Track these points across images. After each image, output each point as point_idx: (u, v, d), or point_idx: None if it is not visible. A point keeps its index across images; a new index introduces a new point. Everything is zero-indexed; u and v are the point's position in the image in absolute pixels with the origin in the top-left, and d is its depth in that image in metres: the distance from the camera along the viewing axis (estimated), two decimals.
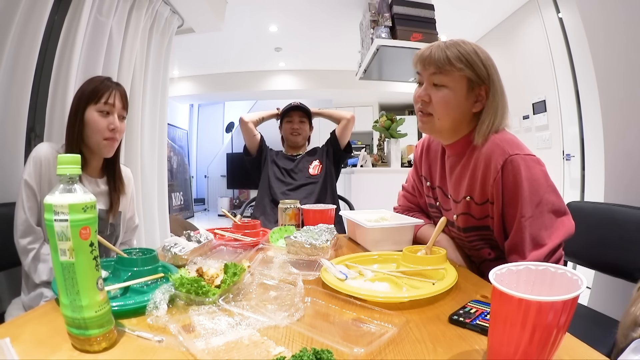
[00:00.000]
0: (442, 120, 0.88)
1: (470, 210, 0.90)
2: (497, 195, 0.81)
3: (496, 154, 0.80)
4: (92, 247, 0.47)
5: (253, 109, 7.59)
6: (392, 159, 3.30)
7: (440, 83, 0.85)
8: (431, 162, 1.07)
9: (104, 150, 1.09)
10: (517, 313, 0.40)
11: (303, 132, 1.97)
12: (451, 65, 0.83)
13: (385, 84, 5.57)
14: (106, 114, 1.07)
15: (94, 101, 1.05)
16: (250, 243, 1.07)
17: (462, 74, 0.83)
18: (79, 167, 0.48)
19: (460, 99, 0.85)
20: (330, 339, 0.48)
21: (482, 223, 0.89)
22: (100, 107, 1.06)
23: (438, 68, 0.84)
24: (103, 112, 1.06)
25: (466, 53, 0.83)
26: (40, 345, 0.48)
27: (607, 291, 1.45)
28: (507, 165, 0.79)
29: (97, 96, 1.05)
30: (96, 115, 1.06)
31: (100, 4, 1.80)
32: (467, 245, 0.96)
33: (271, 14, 3.90)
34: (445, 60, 0.83)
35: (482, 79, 0.84)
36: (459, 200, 0.92)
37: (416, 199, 1.20)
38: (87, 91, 1.06)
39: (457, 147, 0.92)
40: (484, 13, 3.76)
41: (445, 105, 0.86)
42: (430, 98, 0.87)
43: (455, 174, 0.93)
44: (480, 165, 0.83)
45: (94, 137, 1.06)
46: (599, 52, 1.48)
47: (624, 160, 1.41)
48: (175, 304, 0.61)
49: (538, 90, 3.29)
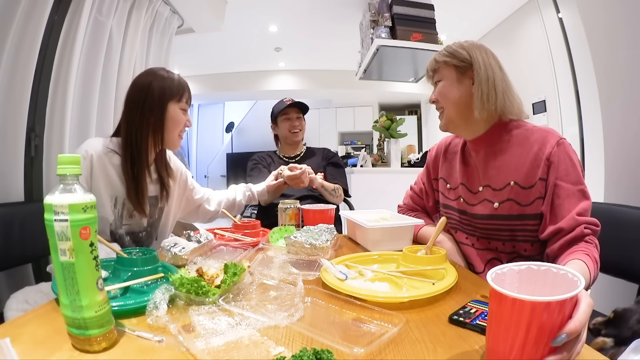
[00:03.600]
0: (448, 109, 0.97)
1: (515, 197, 0.90)
2: (551, 164, 0.86)
3: (551, 136, 0.88)
4: (92, 247, 0.47)
5: (253, 109, 7.59)
6: (392, 159, 3.30)
7: (438, 79, 0.99)
8: (450, 163, 1.09)
9: (176, 143, 1.14)
10: (511, 313, 0.41)
11: (302, 127, 1.92)
12: (437, 62, 0.98)
13: (385, 84, 5.57)
14: (184, 112, 1.13)
15: (176, 98, 1.09)
16: (250, 243, 1.07)
17: (447, 64, 0.96)
18: (79, 167, 0.48)
19: (453, 84, 0.95)
20: (330, 339, 0.48)
21: (528, 211, 0.89)
22: (182, 105, 1.11)
23: (433, 70, 1.00)
24: (183, 110, 1.12)
25: (448, 47, 0.97)
26: (40, 345, 0.48)
27: (607, 291, 1.44)
28: (560, 145, 0.87)
29: (180, 94, 1.10)
30: (179, 112, 1.10)
31: (100, 4, 1.80)
32: (503, 236, 0.94)
33: (271, 14, 3.89)
34: (433, 61, 0.99)
35: (466, 61, 0.93)
36: (501, 188, 0.93)
37: (422, 201, 1.21)
38: (170, 87, 1.08)
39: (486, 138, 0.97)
40: (484, 13, 3.76)
41: (443, 94, 0.97)
42: (435, 96, 1.00)
43: (492, 163, 0.96)
44: (533, 148, 0.89)
45: (173, 132, 1.11)
46: (599, 52, 1.48)
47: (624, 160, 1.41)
48: (175, 304, 0.61)
49: (538, 90, 3.29)
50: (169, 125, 1.09)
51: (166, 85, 1.08)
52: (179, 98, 1.10)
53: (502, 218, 0.92)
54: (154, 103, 1.06)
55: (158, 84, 1.07)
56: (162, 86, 1.07)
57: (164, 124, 1.08)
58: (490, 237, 0.95)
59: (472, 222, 0.98)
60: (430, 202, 1.17)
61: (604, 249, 0.81)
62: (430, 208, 1.18)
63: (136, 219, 1.13)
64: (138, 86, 1.08)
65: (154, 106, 1.06)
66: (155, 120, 1.07)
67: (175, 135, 1.12)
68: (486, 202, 0.95)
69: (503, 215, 0.92)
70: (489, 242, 0.96)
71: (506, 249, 0.93)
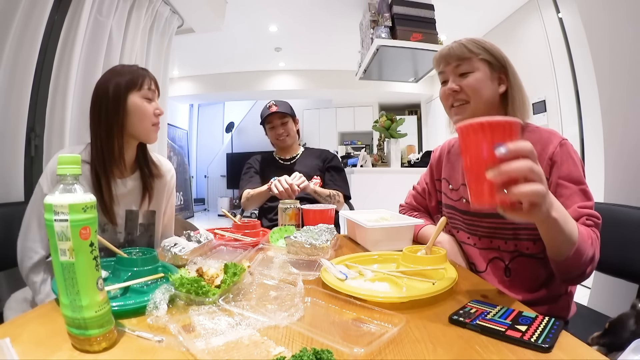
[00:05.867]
0: (477, 103, 0.93)
1: None
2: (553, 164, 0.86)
3: (553, 137, 0.88)
4: (92, 247, 0.47)
5: (253, 109, 7.60)
6: (392, 159, 3.30)
7: (466, 71, 0.92)
8: (453, 163, 1.09)
9: (152, 135, 1.07)
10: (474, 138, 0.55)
11: (289, 131, 1.82)
12: (471, 53, 0.91)
13: (385, 84, 5.57)
14: (149, 100, 1.05)
15: (136, 88, 1.02)
16: (250, 243, 1.07)
17: (481, 57, 0.91)
18: (79, 167, 0.48)
19: (487, 80, 0.92)
20: (330, 339, 0.48)
21: None
22: (144, 93, 1.04)
23: (461, 59, 0.92)
24: (147, 99, 1.05)
25: (481, 41, 0.93)
26: (40, 345, 0.48)
27: (607, 291, 1.45)
28: (563, 145, 0.87)
29: (138, 83, 1.03)
30: (143, 102, 1.03)
31: (100, 4, 1.80)
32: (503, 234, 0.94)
33: (271, 14, 3.90)
34: (466, 50, 0.91)
35: (499, 61, 0.92)
36: None
37: (425, 201, 1.21)
38: (124, 80, 1.02)
39: None
40: (484, 13, 3.76)
41: (477, 87, 0.91)
42: (460, 87, 0.93)
43: None
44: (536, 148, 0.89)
45: (142, 124, 1.04)
46: (599, 52, 1.48)
47: (624, 160, 1.41)
48: (175, 304, 0.61)
49: (538, 91, 3.29)
50: (133, 118, 1.02)
51: (122, 79, 1.01)
52: (139, 87, 1.03)
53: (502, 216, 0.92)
54: (110, 100, 1.00)
55: (114, 81, 1.01)
56: (117, 81, 1.01)
57: (128, 117, 1.01)
58: (493, 236, 0.95)
59: (475, 221, 0.98)
60: (433, 202, 1.17)
61: (604, 249, 0.81)
62: (433, 208, 1.19)
63: (109, 233, 1.05)
64: (96, 90, 1.02)
65: (112, 103, 1.00)
66: (118, 117, 1.00)
67: (145, 126, 1.04)
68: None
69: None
70: (491, 241, 0.96)
71: (508, 247, 0.93)
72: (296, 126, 1.89)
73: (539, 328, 0.51)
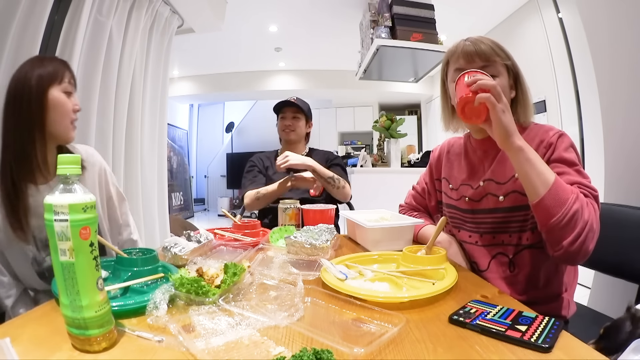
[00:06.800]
0: None
1: (520, 188, 0.89)
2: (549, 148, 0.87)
3: (553, 130, 0.90)
4: (92, 247, 0.47)
5: (253, 109, 7.60)
6: (392, 159, 3.30)
7: (491, 74, 0.88)
8: (453, 163, 1.09)
9: (71, 134, 0.97)
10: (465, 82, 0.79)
11: (297, 128, 1.82)
12: (498, 56, 0.90)
13: (385, 84, 5.57)
14: (69, 94, 0.95)
15: (57, 81, 0.92)
16: (250, 243, 1.07)
17: (503, 62, 0.91)
18: (79, 167, 0.48)
19: (507, 87, 0.92)
20: (330, 339, 0.48)
21: None
22: (65, 87, 0.94)
23: (488, 60, 0.90)
24: (67, 92, 0.94)
25: (501, 45, 0.93)
26: (40, 345, 0.48)
27: (607, 291, 1.45)
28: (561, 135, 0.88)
29: (60, 75, 0.93)
30: (63, 96, 0.93)
31: (100, 4, 1.80)
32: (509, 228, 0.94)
33: (271, 14, 3.90)
34: (492, 52, 0.90)
35: (514, 67, 0.93)
36: (505, 181, 0.93)
37: (424, 200, 1.21)
38: (46, 71, 0.91)
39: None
40: (484, 13, 3.76)
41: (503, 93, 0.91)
42: None
43: (497, 158, 0.96)
44: (535, 140, 0.90)
45: (62, 121, 0.93)
46: (599, 52, 1.48)
47: (624, 160, 1.41)
48: (175, 304, 0.61)
49: (538, 91, 3.29)
50: (54, 114, 0.91)
51: (43, 70, 0.91)
52: (60, 80, 0.92)
53: (507, 210, 0.93)
54: (32, 93, 0.88)
55: (35, 72, 0.90)
56: (39, 73, 0.90)
57: (48, 114, 0.90)
58: (496, 231, 0.95)
59: (477, 218, 0.98)
60: (433, 202, 1.17)
61: (604, 249, 0.81)
62: (432, 208, 1.18)
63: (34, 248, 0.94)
64: (15, 82, 0.90)
65: (33, 96, 0.89)
66: (38, 113, 0.89)
67: (64, 124, 0.94)
68: (490, 196, 0.95)
69: (508, 207, 0.92)
70: (494, 236, 0.96)
71: (512, 240, 0.93)
72: (308, 128, 1.89)
73: (539, 328, 0.51)
